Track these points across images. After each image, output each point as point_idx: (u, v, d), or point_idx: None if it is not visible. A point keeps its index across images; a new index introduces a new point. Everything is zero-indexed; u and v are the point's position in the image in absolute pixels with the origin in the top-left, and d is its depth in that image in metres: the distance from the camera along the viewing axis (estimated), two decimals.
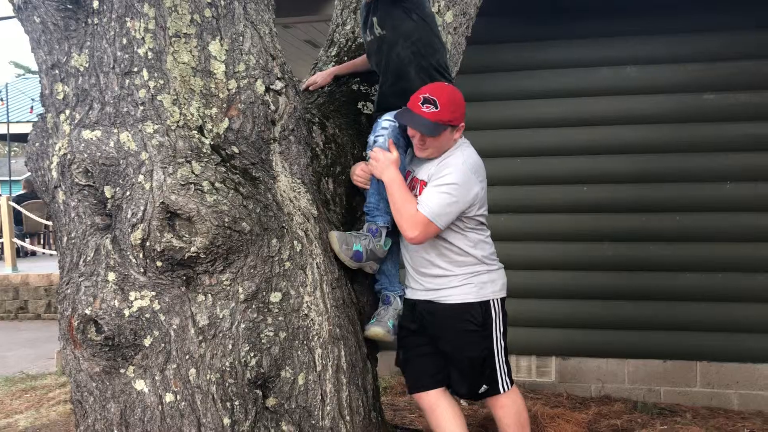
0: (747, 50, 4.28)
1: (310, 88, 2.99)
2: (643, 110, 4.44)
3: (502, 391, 2.64)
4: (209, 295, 2.18)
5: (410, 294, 2.71)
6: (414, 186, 2.60)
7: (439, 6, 3.23)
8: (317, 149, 2.61)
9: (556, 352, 4.57)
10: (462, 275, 2.59)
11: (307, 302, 2.31)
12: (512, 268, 2.74)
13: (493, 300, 2.61)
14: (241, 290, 2.20)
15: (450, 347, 2.63)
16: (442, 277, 2.59)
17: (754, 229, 4.29)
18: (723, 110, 4.34)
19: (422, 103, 2.44)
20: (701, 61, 4.37)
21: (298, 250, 2.32)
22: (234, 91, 2.25)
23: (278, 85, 2.35)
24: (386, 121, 2.55)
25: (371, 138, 2.62)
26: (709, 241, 4.33)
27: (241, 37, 2.28)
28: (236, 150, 2.25)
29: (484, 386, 2.63)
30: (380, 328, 2.60)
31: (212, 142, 2.21)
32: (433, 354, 2.66)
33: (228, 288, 2.19)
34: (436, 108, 2.43)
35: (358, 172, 2.67)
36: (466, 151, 2.58)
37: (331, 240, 2.47)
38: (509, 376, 2.67)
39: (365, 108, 2.95)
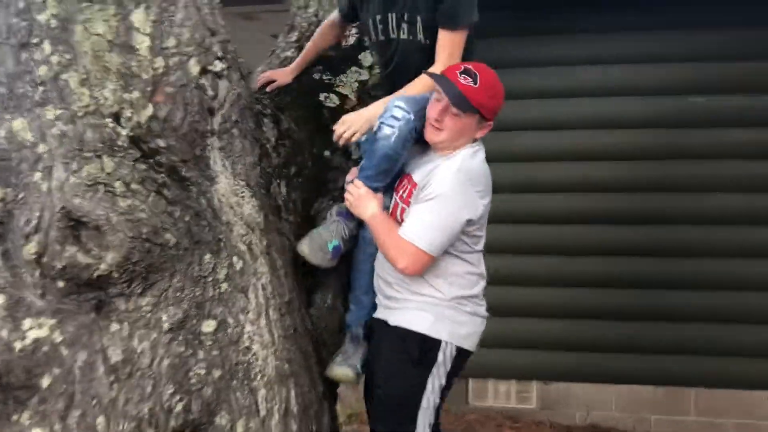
0: (736, 50, 3.98)
1: (267, 89, 2.50)
2: (624, 113, 4.10)
3: None
4: (125, 323, 1.77)
5: (376, 312, 2.27)
6: (406, 188, 2.18)
7: None
8: (268, 146, 2.19)
9: (537, 376, 4.22)
10: (422, 302, 2.13)
11: (248, 332, 1.90)
12: (488, 283, 2.32)
13: (445, 343, 2.11)
14: (164, 318, 1.79)
15: (376, 372, 2.19)
16: (400, 299, 2.15)
17: (746, 244, 3.98)
18: (711, 114, 4.03)
19: (461, 73, 2.04)
20: (687, 61, 4.05)
21: (238, 269, 1.90)
22: (161, 71, 1.83)
23: (218, 66, 1.94)
24: (399, 110, 2.08)
25: (376, 122, 2.15)
26: (702, 256, 4.01)
27: (172, 6, 1.87)
28: (162, 144, 1.83)
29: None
30: (348, 369, 2.17)
31: (131, 134, 1.79)
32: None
33: (148, 315, 1.78)
34: (475, 83, 2.04)
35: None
36: (469, 157, 2.12)
37: (302, 252, 2.11)
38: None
39: (328, 100, 2.54)
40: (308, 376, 2.08)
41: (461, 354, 2.15)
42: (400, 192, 2.17)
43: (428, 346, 2.10)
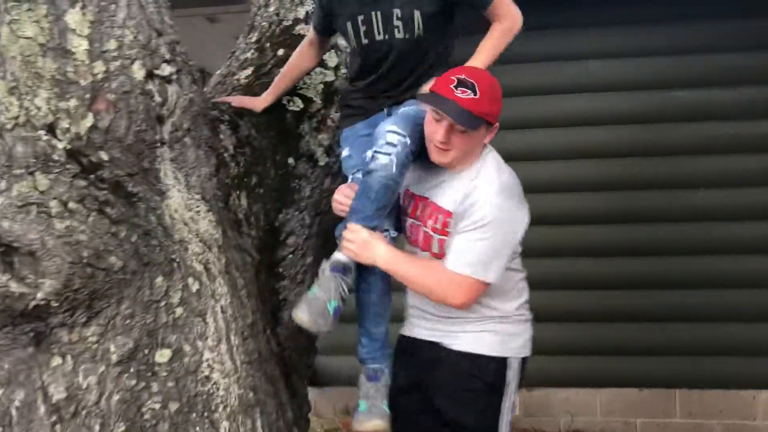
0: (719, 42, 3.88)
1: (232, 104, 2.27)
2: (605, 109, 3.99)
3: None
4: (68, 356, 1.60)
5: (409, 330, 2.09)
6: (434, 216, 1.96)
7: None
8: (225, 155, 2.02)
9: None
10: (487, 322, 1.99)
11: (207, 360, 1.73)
12: None
13: (511, 359, 1.99)
14: (113, 348, 1.62)
15: (445, 404, 2.00)
16: (456, 318, 1.98)
17: (731, 241, 3.89)
18: (694, 108, 3.93)
19: (456, 86, 1.82)
20: (668, 55, 3.95)
21: (194, 291, 1.73)
22: (101, 76, 1.65)
23: (166, 69, 1.76)
24: (393, 135, 1.88)
25: (369, 152, 1.94)
26: (685, 254, 3.91)
27: (113, 5, 1.69)
28: (105, 157, 1.66)
29: None
30: (378, 419, 1.95)
31: (69, 147, 1.61)
32: (426, 412, 2.04)
33: (95, 346, 1.61)
34: (475, 94, 1.81)
35: (341, 199, 2.01)
36: (498, 170, 1.94)
37: (300, 321, 1.85)
38: None
39: (291, 104, 2.37)
40: (276, 402, 1.92)
41: (524, 363, 2.04)
42: (429, 222, 1.96)
43: (499, 367, 1.98)
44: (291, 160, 2.27)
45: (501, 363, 1.97)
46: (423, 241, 1.98)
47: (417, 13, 1.96)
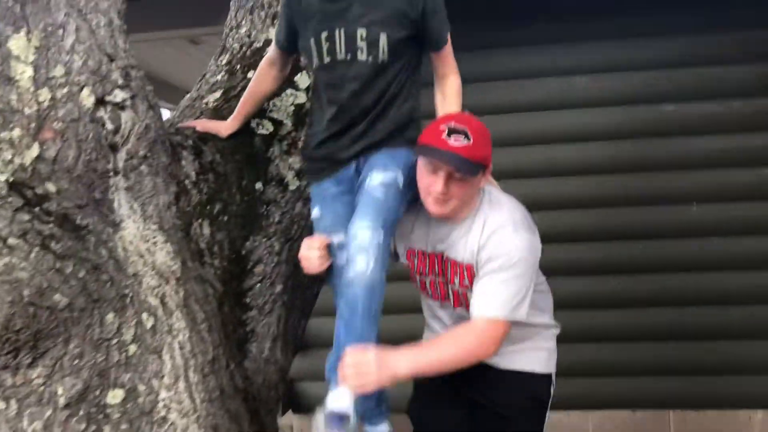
0: (709, 55, 3.81)
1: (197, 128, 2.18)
2: (595, 125, 3.91)
3: None
4: (12, 400, 1.52)
5: None
6: (458, 271, 1.90)
7: None
8: (187, 182, 1.95)
9: None
10: (534, 337, 2.01)
11: (164, 399, 1.64)
12: None
13: (552, 374, 2.04)
14: (60, 391, 1.54)
15: (498, 422, 1.99)
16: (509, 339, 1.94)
17: (725, 256, 3.80)
18: (685, 123, 3.85)
19: (448, 135, 1.76)
20: (658, 68, 3.88)
21: (148, 327, 1.65)
22: (47, 104, 1.58)
23: (119, 96, 1.69)
24: (364, 232, 1.72)
25: (342, 256, 1.81)
26: (678, 271, 3.82)
27: (60, 30, 1.62)
28: (52, 188, 1.58)
29: None
30: None
31: (12, 179, 1.53)
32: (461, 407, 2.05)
33: (41, 389, 1.53)
34: (468, 140, 1.76)
35: (307, 253, 1.86)
36: (500, 208, 1.89)
37: None
38: None
39: (261, 127, 2.30)
40: None
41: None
42: (456, 280, 1.90)
43: (548, 383, 2.03)
44: (259, 185, 2.19)
45: (549, 378, 2.03)
46: (455, 299, 1.94)
47: (383, 37, 1.84)
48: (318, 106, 2.00)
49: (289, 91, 2.40)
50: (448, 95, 1.97)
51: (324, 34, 1.87)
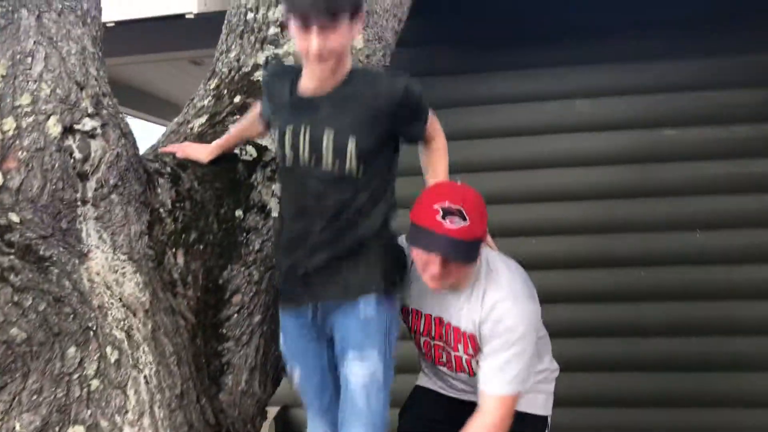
0: (709, 79, 3.75)
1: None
2: (594, 149, 3.86)
3: None
4: None
5: (448, 393, 2.09)
6: (447, 331, 1.89)
7: None
8: (162, 210, 1.91)
9: None
10: (534, 383, 1.99)
11: None
12: None
13: (548, 417, 2.09)
14: (18, 427, 1.50)
15: None
16: None
17: (728, 285, 3.70)
18: (688, 147, 3.79)
19: (443, 217, 1.68)
20: (658, 92, 3.82)
21: (112, 361, 1.61)
22: (12, 133, 1.56)
23: (88, 124, 1.67)
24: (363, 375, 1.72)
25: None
26: (680, 299, 3.73)
27: (29, 58, 1.61)
28: (15, 219, 1.55)
29: None
30: None
31: None
32: None
33: None
34: (465, 221, 1.67)
35: None
36: (498, 277, 1.86)
37: None
38: None
39: (244, 153, 2.27)
40: None
41: None
42: (459, 347, 1.89)
43: (545, 425, 2.06)
44: (239, 212, 2.15)
45: (545, 421, 2.06)
46: (457, 365, 1.94)
47: (351, 143, 1.67)
48: (285, 188, 1.90)
49: None
50: (434, 156, 1.90)
51: (290, 128, 1.74)
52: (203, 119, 2.41)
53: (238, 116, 2.36)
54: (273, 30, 2.62)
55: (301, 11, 1.55)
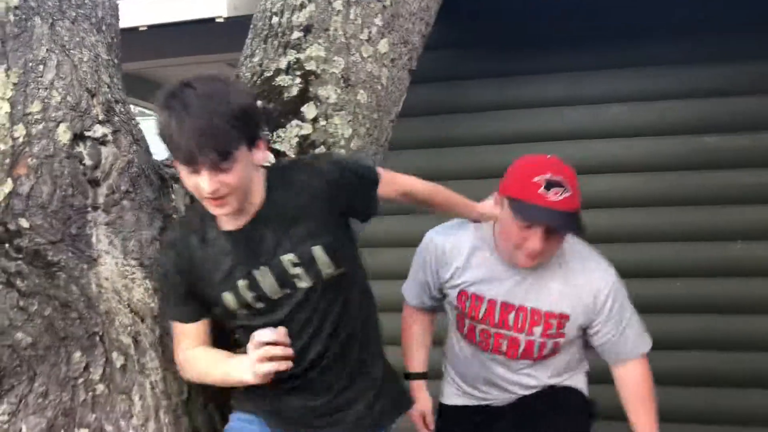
0: (750, 84, 3.61)
1: None
2: (630, 156, 3.76)
3: None
4: None
5: (470, 402, 2.05)
6: (524, 316, 1.85)
7: (371, 33, 2.60)
8: (175, 216, 1.92)
9: None
10: (581, 364, 2.08)
11: None
12: None
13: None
14: (24, 429, 1.53)
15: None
16: (564, 373, 2.02)
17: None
18: (727, 155, 3.65)
19: (546, 189, 1.65)
20: (697, 98, 3.70)
21: (118, 366, 1.62)
22: (23, 140, 1.59)
23: (99, 131, 1.69)
24: None
25: None
26: (719, 312, 3.60)
27: (41, 66, 1.63)
28: (25, 224, 1.58)
29: None
30: None
31: None
32: None
33: (5, 426, 1.51)
34: (567, 191, 1.66)
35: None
36: (580, 250, 1.89)
37: None
38: None
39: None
40: None
41: None
42: (536, 329, 1.84)
43: (591, 409, 2.08)
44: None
45: (590, 405, 2.06)
46: (524, 350, 1.88)
47: (317, 249, 1.50)
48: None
49: (294, 122, 2.37)
50: (436, 196, 1.84)
51: (242, 283, 1.52)
52: None
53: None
54: (296, 34, 2.62)
55: (185, 154, 1.35)
